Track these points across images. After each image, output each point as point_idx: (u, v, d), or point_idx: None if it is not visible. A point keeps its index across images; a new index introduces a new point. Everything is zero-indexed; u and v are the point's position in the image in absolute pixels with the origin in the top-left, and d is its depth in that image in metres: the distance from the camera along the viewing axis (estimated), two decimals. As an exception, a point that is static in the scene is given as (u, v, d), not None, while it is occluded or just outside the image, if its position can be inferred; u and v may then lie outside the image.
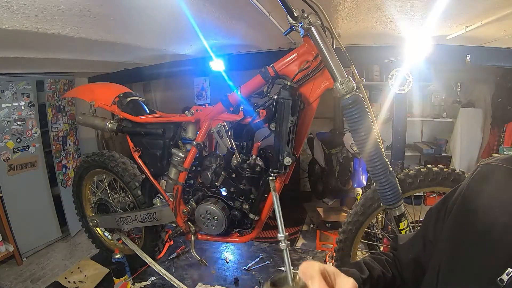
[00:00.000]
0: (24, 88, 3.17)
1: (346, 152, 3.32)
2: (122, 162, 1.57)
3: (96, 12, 1.49)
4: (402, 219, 1.14)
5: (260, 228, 1.32)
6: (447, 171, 1.15)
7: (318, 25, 1.00)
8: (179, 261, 1.72)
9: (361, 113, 1.00)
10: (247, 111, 1.17)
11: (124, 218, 1.54)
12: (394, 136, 2.70)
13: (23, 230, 3.14)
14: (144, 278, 1.55)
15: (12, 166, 3.10)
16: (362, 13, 1.79)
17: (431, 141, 4.18)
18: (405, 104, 2.70)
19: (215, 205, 1.23)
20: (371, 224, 1.66)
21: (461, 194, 0.58)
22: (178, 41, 2.49)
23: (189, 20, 1.64)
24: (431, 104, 3.96)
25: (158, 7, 1.56)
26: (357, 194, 3.04)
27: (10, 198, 3.05)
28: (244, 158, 1.20)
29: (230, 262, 1.70)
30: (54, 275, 2.80)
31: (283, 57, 1.12)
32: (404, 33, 2.12)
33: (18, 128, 3.14)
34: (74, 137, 3.83)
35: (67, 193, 3.45)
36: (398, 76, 2.23)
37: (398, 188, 1.10)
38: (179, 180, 1.34)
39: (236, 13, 1.79)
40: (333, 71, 1.00)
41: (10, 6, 1.25)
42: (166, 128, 1.36)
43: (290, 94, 1.05)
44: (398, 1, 1.55)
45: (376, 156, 1.04)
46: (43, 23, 1.48)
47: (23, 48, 1.99)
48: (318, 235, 3.15)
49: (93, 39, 1.86)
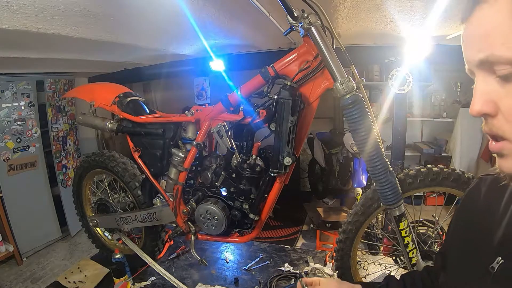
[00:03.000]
0: (24, 88, 3.17)
1: (346, 152, 3.32)
2: (122, 162, 1.57)
3: (96, 12, 1.49)
4: (402, 219, 1.14)
5: (260, 228, 1.32)
6: (447, 171, 1.15)
7: (318, 25, 1.00)
8: (179, 261, 1.72)
9: (361, 113, 1.00)
10: (247, 111, 1.16)
11: (124, 218, 1.54)
12: (394, 136, 2.70)
13: (23, 230, 3.14)
14: (144, 278, 1.55)
15: (12, 166, 3.10)
16: (362, 13, 1.79)
17: (431, 141, 4.18)
18: (405, 104, 2.70)
19: (215, 205, 1.23)
20: (371, 224, 1.67)
21: (461, 204, 0.68)
22: (178, 41, 2.49)
23: (189, 20, 1.64)
24: (431, 104, 3.96)
25: (158, 7, 1.56)
26: (357, 194, 3.05)
27: (10, 198, 3.05)
28: (244, 158, 1.20)
29: (230, 262, 1.70)
30: (54, 275, 2.80)
31: (283, 57, 1.12)
32: (404, 33, 2.13)
33: (18, 128, 3.14)
34: (74, 137, 3.83)
35: (67, 193, 3.45)
36: (398, 76, 2.23)
37: (398, 188, 1.10)
38: (179, 180, 1.34)
39: (236, 13, 1.79)
40: (333, 71, 1.00)
41: (10, 6, 1.25)
42: (166, 128, 1.36)
43: (290, 94, 1.05)
44: (398, 1, 1.55)
45: (376, 156, 1.04)
46: (43, 23, 1.48)
47: (23, 48, 1.99)
48: (318, 235, 3.15)
49: (93, 39, 1.87)
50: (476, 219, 0.60)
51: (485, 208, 0.59)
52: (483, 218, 0.58)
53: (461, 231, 0.64)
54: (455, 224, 0.68)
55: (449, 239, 0.69)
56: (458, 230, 0.65)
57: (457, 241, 0.64)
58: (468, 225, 0.62)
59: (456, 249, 0.63)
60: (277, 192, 1.21)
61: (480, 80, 0.42)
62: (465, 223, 0.64)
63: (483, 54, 0.39)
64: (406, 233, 1.16)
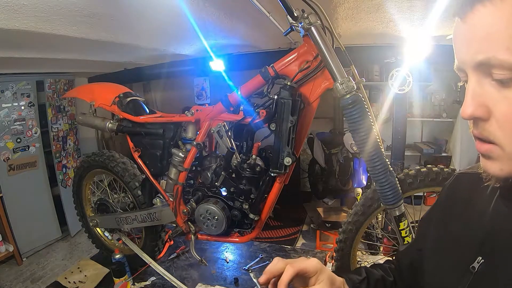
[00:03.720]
0: (24, 88, 3.17)
1: (346, 152, 3.32)
2: (122, 162, 1.57)
3: (96, 12, 1.49)
4: (402, 219, 1.14)
5: (260, 228, 1.32)
6: (447, 171, 1.15)
7: (318, 25, 1.00)
8: (179, 261, 1.72)
9: (361, 113, 1.00)
10: (247, 111, 1.17)
11: (124, 218, 1.54)
12: (394, 136, 2.70)
13: (23, 230, 3.14)
14: (144, 278, 1.55)
15: (12, 166, 3.10)
16: (362, 13, 1.79)
17: (431, 141, 4.18)
18: (405, 104, 2.71)
19: (215, 205, 1.23)
20: (371, 224, 1.67)
21: (437, 202, 0.66)
22: (178, 41, 2.49)
23: (189, 20, 1.64)
24: (431, 104, 3.96)
25: (158, 7, 1.56)
26: (357, 194, 3.05)
27: (10, 198, 3.05)
28: (244, 158, 1.20)
29: (230, 262, 1.70)
30: (54, 275, 2.80)
31: (283, 57, 1.12)
32: (404, 33, 2.13)
33: (18, 128, 3.14)
34: (74, 137, 3.83)
35: (67, 193, 3.45)
36: (398, 76, 2.23)
37: (398, 188, 1.10)
38: (179, 180, 1.34)
39: (236, 13, 1.79)
40: (333, 71, 1.00)
41: (10, 6, 1.25)
42: (166, 128, 1.36)
43: (290, 94, 1.05)
44: (398, 1, 1.55)
45: (376, 156, 1.04)
46: (43, 23, 1.48)
47: (23, 48, 1.99)
48: (318, 235, 3.15)
49: (93, 39, 1.87)
50: (455, 217, 0.59)
51: (464, 206, 0.58)
52: (462, 216, 0.57)
53: (439, 229, 0.62)
54: (431, 220, 0.65)
55: (424, 236, 0.66)
56: (436, 227, 0.63)
57: (435, 239, 0.62)
58: (446, 222, 0.61)
59: (434, 248, 0.61)
60: (277, 192, 1.21)
61: (473, 82, 0.40)
62: (444, 221, 0.62)
63: (483, 56, 0.37)
64: (406, 233, 1.16)
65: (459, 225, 0.57)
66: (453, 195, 0.62)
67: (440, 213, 0.64)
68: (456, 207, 0.60)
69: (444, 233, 0.60)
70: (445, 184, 0.66)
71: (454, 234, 0.57)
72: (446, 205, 0.63)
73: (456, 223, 0.58)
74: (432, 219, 0.65)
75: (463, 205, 0.58)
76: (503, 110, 0.37)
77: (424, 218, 0.70)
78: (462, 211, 0.58)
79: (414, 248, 0.68)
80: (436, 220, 0.64)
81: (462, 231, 0.56)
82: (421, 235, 0.68)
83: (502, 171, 0.41)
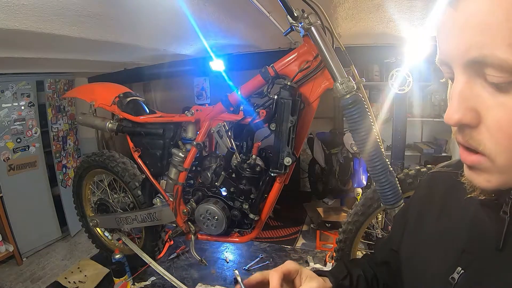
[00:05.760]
0: (24, 88, 3.17)
1: (346, 152, 3.32)
2: (122, 162, 1.57)
3: (96, 12, 1.49)
4: (402, 219, 1.14)
5: (260, 228, 1.32)
6: (447, 171, 1.15)
7: (318, 25, 1.00)
8: (179, 261, 1.72)
9: (361, 113, 1.00)
10: (247, 111, 1.17)
11: (124, 218, 1.54)
12: (394, 136, 2.70)
13: (23, 230, 3.14)
14: (144, 278, 1.55)
15: (12, 166, 3.10)
16: (362, 13, 1.79)
17: (431, 141, 4.18)
18: (405, 104, 2.70)
19: (215, 205, 1.23)
20: (371, 224, 1.66)
21: (412, 202, 0.63)
22: (178, 41, 2.49)
23: (189, 20, 1.64)
24: (431, 104, 3.95)
25: (158, 7, 1.56)
26: (357, 194, 3.05)
27: (10, 198, 3.05)
28: (244, 158, 1.20)
29: (230, 262, 1.70)
30: (54, 275, 2.80)
31: (283, 57, 1.12)
32: (404, 33, 2.12)
33: (18, 128, 3.14)
34: (74, 137, 3.83)
35: (67, 193, 3.45)
36: (398, 76, 2.23)
37: (398, 188, 1.10)
38: (179, 180, 1.34)
39: (236, 13, 1.79)
40: (333, 71, 1.00)
41: (10, 6, 1.25)
42: (166, 128, 1.36)
43: (290, 94, 1.05)
44: (398, 1, 1.55)
45: (376, 156, 1.04)
46: (43, 23, 1.48)
47: (23, 48, 1.99)
48: (318, 235, 3.15)
49: (93, 39, 1.86)
50: (431, 223, 0.55)
51: (441, 210, 0.54)
52: (439, 221, 0.53)
53: (415, 235, 0.57)
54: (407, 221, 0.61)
55: (400, 237, 0.62)
56: (411, 233, 0.59)
57: (411, 244, 0.58)
58: (422, 228, 0.56)
59: (409, 256, 0.57)
60: (277, 192, 1.21)
61: (461, 82, 0.34)
62: (419, 225, 0.57)
63: (477, 52, 0.30)
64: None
65: (435, 232, 0.53)
66: (429, 197, 0.58)
67: (416, 216, 0.59)
68: (432, 211, 0.55)
69: (420, 240, 0.56)
70: (419, 184, 0.62)
71: (430, 242, 0.53)
72: (421, 209, 0.59)
73: (432, 229, 0.54)
74: (408, 221, 0.61)
75: (439, 210, 0.54)
76: (496, 117, 0.32)
77: (399, 216, 0.67)
78: (438, 216, 0.54)
79: (389, 247, 0.66)
80: (411, 224, 0.60)
81: (439, 239, 0.52)
82: (396, 236, 0.64)
83: (490, 182, 0.35)
